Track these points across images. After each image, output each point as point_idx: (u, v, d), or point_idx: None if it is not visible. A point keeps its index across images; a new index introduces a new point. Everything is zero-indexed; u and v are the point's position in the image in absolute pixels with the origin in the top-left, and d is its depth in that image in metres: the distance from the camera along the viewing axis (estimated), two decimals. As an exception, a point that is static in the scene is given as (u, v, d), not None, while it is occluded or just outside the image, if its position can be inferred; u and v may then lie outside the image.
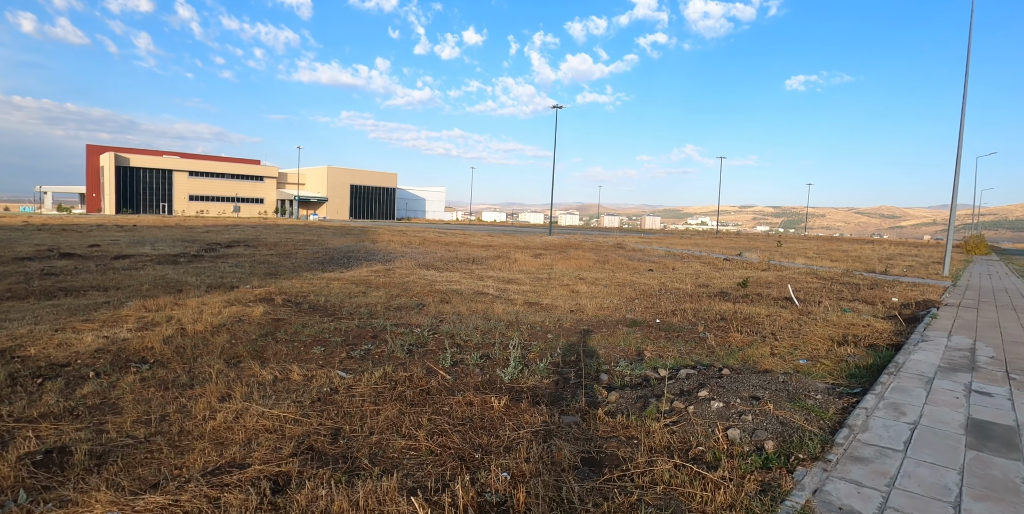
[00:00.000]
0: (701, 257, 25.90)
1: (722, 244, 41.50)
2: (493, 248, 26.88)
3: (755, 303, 11.79)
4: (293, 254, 21.21)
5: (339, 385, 5.41)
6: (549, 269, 18.27)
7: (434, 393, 5.04)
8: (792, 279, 17.15)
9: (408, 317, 9.55)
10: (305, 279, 14.11)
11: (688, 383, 4.72)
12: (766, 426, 3.79)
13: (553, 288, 13.94)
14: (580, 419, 3.98)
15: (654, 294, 13.15)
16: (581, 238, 43.75)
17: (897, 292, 14.45)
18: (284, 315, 9.30)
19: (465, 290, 12.87)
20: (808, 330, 8.73)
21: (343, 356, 6.71)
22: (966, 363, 6.43)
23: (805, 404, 4.37)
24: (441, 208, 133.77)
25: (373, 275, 15.23)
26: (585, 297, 12.50)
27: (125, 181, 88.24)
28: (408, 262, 18.73)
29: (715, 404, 4.10)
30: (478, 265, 18.71)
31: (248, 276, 14.38)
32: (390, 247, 26.05)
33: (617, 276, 16.90)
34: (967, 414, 4.39)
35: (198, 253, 20.60)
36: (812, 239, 70.98)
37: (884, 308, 11.73)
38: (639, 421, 3.89)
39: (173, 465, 3.76)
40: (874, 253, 35.40)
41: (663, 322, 9.55)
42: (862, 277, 18.55)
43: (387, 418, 4.31)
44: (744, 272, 19.08)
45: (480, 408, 4.45)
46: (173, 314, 9.21)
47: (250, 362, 6.48)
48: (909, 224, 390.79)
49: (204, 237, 30.09)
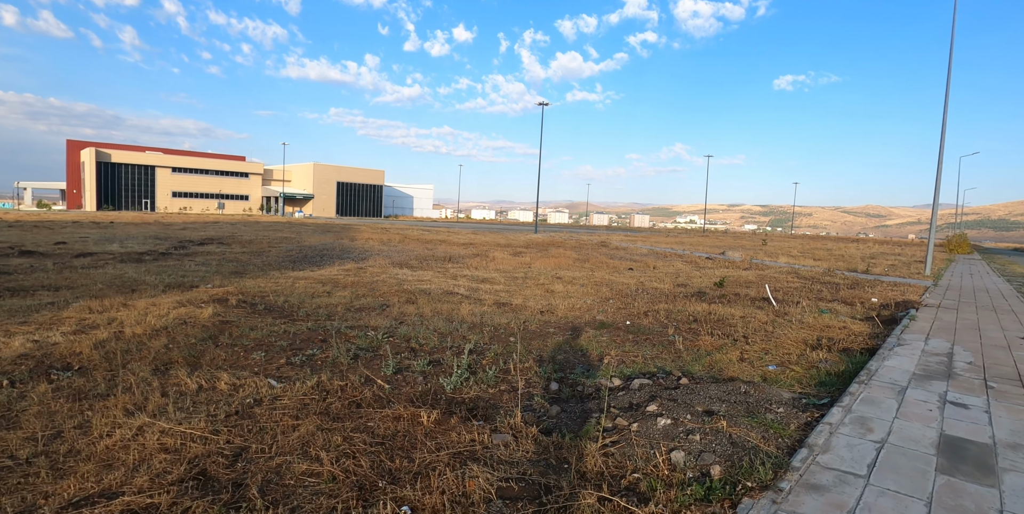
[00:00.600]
0: (684, 256, 25.60)
1: (707, 243, 41.32)
2: (474, 246, 26.43)
3: (731, 304, 11.45)
4: (266, 252, 20.65)
5: (265, 396, 4.96)
6: (527, 268, 17.86)
7: (365, 405, 4.60)
8: (773, 278, 16.86)
9: (368, 318, 9.10)
10: (271, 278, 13.61)
11: (639, 395, 4.32)
12: (715, 447, 3.40)
13: (528, 288, 13.53)
14: (512, 438, 3.57)
15: (630, 294, 12.78)
16: (566, 236, 43.38)
17: (877, 292, 14.19)
18: (235, 317, 8.82)
19: (435, 290, 12.42)
20: (782, 333, 8.37)
21: (282, 362, 6.25)
22: (942, 370, 6.09)
23: (764, 419, 3.99)
24: (429, 206, 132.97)
25: (343, 274, 14.74)
26: (559, 297, 12.11)
27: (106, 177, 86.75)
28: (382, 260, 18.25)
29: (662, 421, 3.70)
30: (454, 264, 18.26)
31: (212, 275, 13.84)
32: (368, 245, 25.52)
33: (596, 275, 16.52)
34: (940, 430, 4.01)
35: (167, 251, 19.99)
36: (798, 238, 71.14)
37: (863, 309, 11.43)
38: (575, 441, 3.48)
39: (42, 493, 3.30)
40: (858, 252, 35.34)
41: (633, 324, 9.17)
42: (843, 276, 18.30)
43: (301, 436, 3.88)
44: (725, 271, 18.77)
45: (408, 424, 4.03)
46: (117, 316, 8.69)
47: (180, 369, 6.01)
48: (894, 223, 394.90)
49: (179, 234, 29.39)
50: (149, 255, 18.29)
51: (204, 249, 21.29)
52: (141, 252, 19.13)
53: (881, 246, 49.03)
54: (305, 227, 42.76)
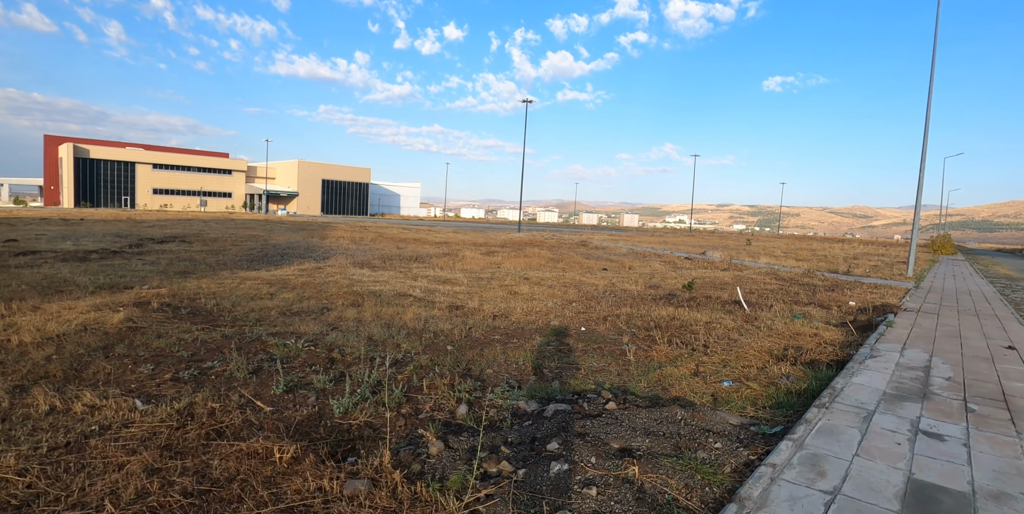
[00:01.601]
0: (663, 256, 24.92)
1: (691, 242, 40.75)
2: (449, 245, 25.60)
3: (700, 307, 10.75)
4: (226, 251, 19.72)
5: (116, 421, 4.16)
6: (496, 268, 17.08)
7: (225, 435, 3.82)
8: (750, 280, 16.20)
9: (299, 324, 8.29)
10: (218, 279, 12.74)
11: (547, 426, 3.55)
12: (614, 506, 2.65)
13: (490, 289, 12.77)
14: (369, 485, 2.81)
15: (596, 296, 12.05)
16: (547, 236, 42.62)
17: (856, 295, 13.55)
18: (148, 323, 7.97)
19: (387, 291, 11.62)
20: (747, 341, 7.66)
21: (167, 377, 5.44)
22: (918, 387, 5.39)
23: (694, 459, 3.25)
24: (416, 204, 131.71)
25: (298, 274, 13.89)
26: (521, 299, 11.36)
27: (84, 173, 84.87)
28: (344, 260, 17.39)
29: (557, 467, 2.94)
30: (420, 263, 17.45)
31: (154, 276, 12.94)
32: (338, 243, 24.61)
33: (566, 276, 15.78)
34: (908, 473, 3.26)
35: (120, 249, 19.01)
36: (783, 238, 70.87)
37: (839, 313, 10.76)
38: (438, 494, 2.73)
39: None
40: (842, 252, 34.87)
41: (589, 330, 8.43)
42: (823, 278, 17.68)
43: (113, 481, 3.09)
44: (703, 272, 18.11)
45: (257, 463, 3.26)
46: (17, 321, 7.82)
47: (46, 386, 5.18)
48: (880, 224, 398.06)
49: (146, 232, 28.31)
50: (98, 254, 17.32)
51: (162, 247, 20.32)
52: (91, 250, 18.14)
53: (866, 246, 48.74)
54: (281, 225, 41.69)
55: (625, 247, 31.11)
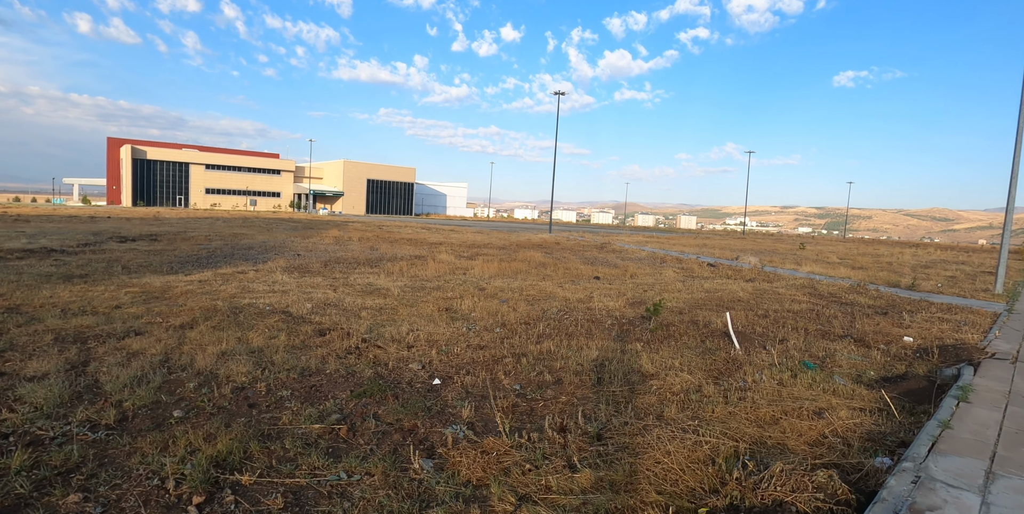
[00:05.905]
0: (685, 261, 21.19)
1: (734, 246, 36.36)
2: (438, 246, 22.76)
3: (669, 340, 7.40)
4: (173, 251, 17.58)
5: None
6: (460, 274, 14.12)
7: None
8: (774, 295, 12.51)
9: (34, 361, 5.61)
10: (100, 285, 10.45)
11: None
12: None
13: (420, 303, 9.83)
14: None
15: (543, 318, 8.89)
16: (572, 236, 39.16)
17: (917, 323, 9.75)
18: None
19: (262, 307, 8.87)
20: (675, 435, 4.34)
21: None
22: None
23: None
24: (463, 204, 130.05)
25: (197, 282, 11.38)
26: (437, 321, 8.37)
27: (142, 174, 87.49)
28: (282, 263, 14.84)
29: None
30: (370, 268, 14.68)
31: (34, 280, 10.69)
32: (308, 244, 22.15)
33: (538, 286, 12.63)
34: None
35: (64, 248, 17.21)
36: (848, 242, 64.24)
37: (883, 358, 7.16)
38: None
39: None
40: (912, 259, 29.80)
41: (443, 383, 5.33)
42: (876, 293, 13.69)
43: None
44: (719, 283, 14.49)
45: None
46: None
47: None
48: (963, 227, 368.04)
49: (135, 230, 26.92)
50: (34, 254, 15.45)
51: (116, 246, 18.46)
52: (31, 249, 16.36)
53: (944, 252, 42.61)
54: (286, 223, 39.96)
55: (649, 250, 27.40)
